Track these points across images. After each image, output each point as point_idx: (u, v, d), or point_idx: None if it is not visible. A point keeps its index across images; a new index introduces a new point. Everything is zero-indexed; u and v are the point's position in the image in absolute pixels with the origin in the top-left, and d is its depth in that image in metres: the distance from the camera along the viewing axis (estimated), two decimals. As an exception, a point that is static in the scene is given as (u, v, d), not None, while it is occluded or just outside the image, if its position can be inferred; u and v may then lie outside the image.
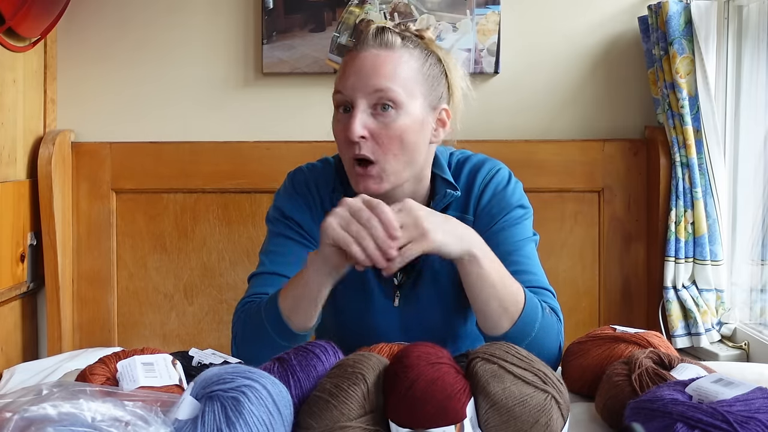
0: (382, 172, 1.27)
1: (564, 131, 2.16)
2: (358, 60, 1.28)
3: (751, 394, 0.87)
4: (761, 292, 1.95)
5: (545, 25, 2.15)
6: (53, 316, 2.07)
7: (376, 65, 1.27)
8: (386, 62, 1.27)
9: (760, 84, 1.92)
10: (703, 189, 1.94)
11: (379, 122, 1.26)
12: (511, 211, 1.36)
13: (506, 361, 0.91)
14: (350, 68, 1.28)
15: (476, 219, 1.36)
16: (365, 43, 1.29)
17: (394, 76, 1.26)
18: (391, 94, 1.25)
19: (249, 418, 0.82)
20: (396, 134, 1.26)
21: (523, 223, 1.36)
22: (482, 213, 1.36)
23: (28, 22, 1.89)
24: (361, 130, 1.24)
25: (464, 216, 1.36)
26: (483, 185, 1.37)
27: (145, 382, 0.97)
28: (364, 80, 1.26)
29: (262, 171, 2.09)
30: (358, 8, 2.10)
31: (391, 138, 1.25)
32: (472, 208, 1.37)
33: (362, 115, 1.25)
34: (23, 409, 0.77)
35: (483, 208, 1.36)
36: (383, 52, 1.27)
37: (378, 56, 1.27)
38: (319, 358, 0.99)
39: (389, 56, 1.27)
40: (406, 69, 1.28)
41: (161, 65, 2.17)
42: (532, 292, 1.25)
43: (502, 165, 1.42)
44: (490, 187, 1.37)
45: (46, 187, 2.02)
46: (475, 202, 1.37)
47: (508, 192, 1.37)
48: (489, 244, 1.31)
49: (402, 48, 1.28)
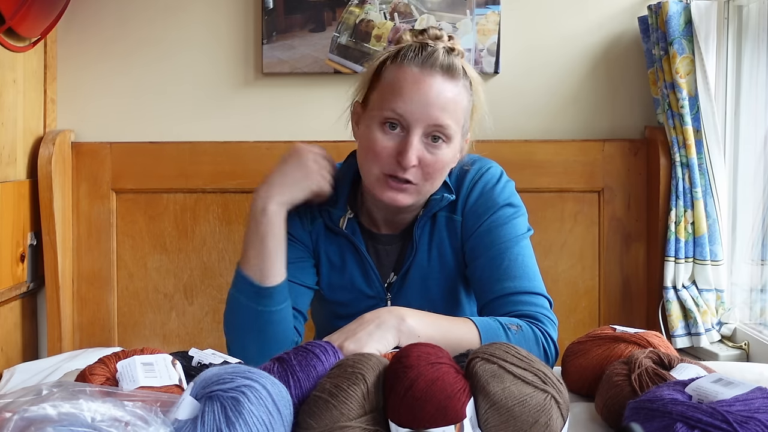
0: (417, 193, 1.29)
1: (564, 131, 2.16)
2: (425, 85, 1.25)
3: (751, 394, 0.87)
4: (761, 292, 1.95)
5: (545, 25, 2.15)
6: (53, 316, 2.07)
7: (441, 96, 1.25)
8: (450, 95, 1.26)
9: (760, 84, 1.92)
10: (703, 189, 1.94)
11: (429, 153, 1.26)
12: (498, 211, 1.35)
13: (506, 361, 0.91)
14: (413, 91, 1.25)
15: (464, 219, 1.36)
16: (433, 64, 1.26)
17: (454, 112, 1.26)
18: (449, 131, 1.26)
19: (249, 418, 0.82)
20: (441, 166, 1.28)
21: (511, 223, 1.35)
22: (469, 213, 1.35)
23: (28, 22, 1.89)
24: (415, 159, 1.25)
25: (453, 216, 1.36)
26: (471, 185, 1.36)
27: (145, 383, 0.97)
28: (428, 110, 1.24)
29: (262, 171, 2.06)
30: (358, 8, 2.10)
31: (437, 169, 1.28)
32: (460, 208, 1.36)
33: (418, 144, 1.25)
34: (23, 409, 0.77)
35: (470, 208, 1.35)
36: (448, 82, 1.26)
37: (444, 85, 1.26)
38: (319, 358, 0.99)
39: (453, 89, 1.27)
40: (461, 105, 1.28)
41: (161, 65, 2.17)
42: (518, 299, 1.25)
43: (493, 164, 1.41)
44: (478, 187, 1.36)
45: (46, 187, 2.02)
46: (463, 202, 1.36)
47: (496, 191, 1.36)
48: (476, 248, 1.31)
49: (461, 77, 1.28)
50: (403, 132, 1.26)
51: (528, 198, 2.10)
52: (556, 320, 1.29)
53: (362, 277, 1.39)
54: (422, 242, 1.37)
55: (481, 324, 1.20)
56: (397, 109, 1.25)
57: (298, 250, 1.38)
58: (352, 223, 1.37)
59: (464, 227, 1.35)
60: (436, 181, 1.30)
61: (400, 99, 1.25)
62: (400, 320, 1.16)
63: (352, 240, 1.37)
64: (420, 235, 1.37)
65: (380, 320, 1.16)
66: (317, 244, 1.40)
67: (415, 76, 1.25)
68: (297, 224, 1.39)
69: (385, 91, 1.28)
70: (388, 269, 1.40)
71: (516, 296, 1.27)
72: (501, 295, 1.28)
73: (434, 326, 1.18)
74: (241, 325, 1.29)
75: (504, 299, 1.28)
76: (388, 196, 1.28)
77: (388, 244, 1.40)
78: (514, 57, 2.15)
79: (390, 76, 1.28)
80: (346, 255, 1.39)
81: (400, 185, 1.27)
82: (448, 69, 1.26)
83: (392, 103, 1.25)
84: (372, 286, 1.39)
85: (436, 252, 1.37)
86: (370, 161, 1.29)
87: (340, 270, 1.40)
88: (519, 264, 1.31)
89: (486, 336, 1.19)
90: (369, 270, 1.38)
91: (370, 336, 1.13)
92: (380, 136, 1.27)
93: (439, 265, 1.37)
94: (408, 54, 1.27)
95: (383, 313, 1.17)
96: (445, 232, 1.37)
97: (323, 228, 1.39)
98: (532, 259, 1.34)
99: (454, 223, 1.36)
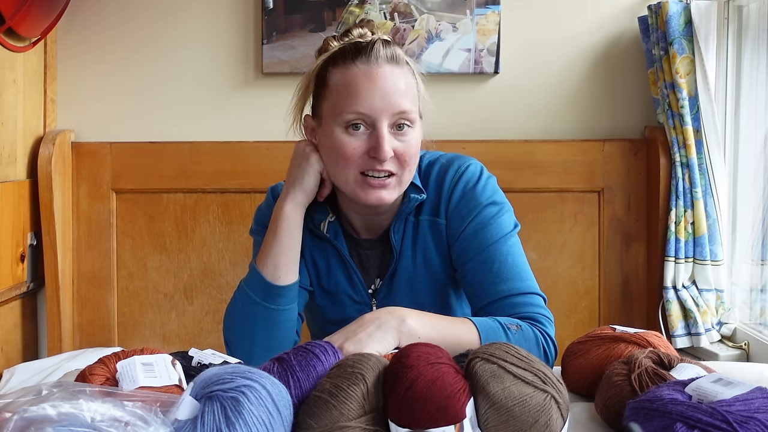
0: (398, 184, 1.28)
1: (564, 131, 2.16)
2: (378, 78, 1.25)
3: (751, 394, 0.87)
4: (761, 292, 1.95)
5: (545, 25, 2.15)
6: (53, 316, 2.07)
7: (395, 84, 1.25)
8: (402, 82, 1.26)
9: (760, 84, 1.92)
10: (703, 189, 1.94)
11: (399, 141, 1.26)
12: (482, 211, 1.32)
13: (506, 361, 0.90)
14: (368, 87, 1.24)
15: (448, 222, 1.34)
16: (377, 57, 1.26)
17: (410, 97, 1.27)
18: (411, 115, 1.27)
19: (249, 418, 0.82)
20: (414, 151, 1.28)
21: (497, 222, 1.32)
22: (453, 215, 1.34)
23: (28, 22, 1.89)
24: (391, 150, 1.25)
25: (436, 220, 1.35)
26: (452, 184, 1.34)
27: (145, 383, 0.97)
28: (388, 101, 1.24)
29: (262, 171, 2.09)
30: (358, 8, 2.10)
31: (411, 155, 1.27)
32: (443, 210, 1.34)
33: (388, 136, 1.25)
34: (23, 409, 0.77)
35: (453, 210, 1.33)
36: (397, 68, 1.26)
37: (394, 73, 1.26)
38: (319, 358, 0.99)
39: (403, 75, 1.27)
40: (413, 89, 1.29)
41: (161, 65, 2.17)
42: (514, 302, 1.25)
43: (472, 160, 1.38)
44: (459, 186, 1.34)
45: (46, 187, 2.02)
46: (446, 203, 1.34)
47: (478, 190, 1.33)
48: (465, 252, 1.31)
49: (405, 65, 1.28)
50: (368, 129, 1.25)
51: (528, 198, 2.13)
52: (552, 316, 1.29)
53: (347, 281, 1.38)
54: (405, 247, 1.36)
55: (480, 324, 1.20)
56: (359, 108, 1.24)
57: None
58: (335, 226, 1.36)
59: (449, 230, 1.34)
60: (412, 168, 1.29)
61: (358, 98, 1.24)
62: (400, 321, 1.16)
63: (335, 244, 1.36)
64: (400, 239, 1.35)
65: (380, 321, 1.16)
66: (304, 248, 1.39)
67: (365, 73, 1.25)
68: None
69: (338, 96, 1.27)
70: (372, 274, 1.39)
71: (511, 299, 1.26)
72: (496, 299, 1.27)
73: (434, 327, 1.18)
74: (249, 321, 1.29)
75: (499, 303, 1.27)
76: (374, 196, 1.27)
77: (369, 249, 1.39)
78: (514, 57, 2.15)
79: (338, 81, 1.27)
80: (330, 259, 1.38)
81: (382, 182, 1.26)
82: (392, 58, 1.26)
83: (350, 105, 1.25)
84: (357, 291, 1.38)
85: (421, 256, 1.36)
86: (343, 167, 1.27)
87: (326, 274, 1.39)
88: (510, 265, 1.29)
89: (486, 336, 1.18)
90: (353, 274, 1.37)
91: (370, 337, 1.13)
92: (347, 140, 1.26)
93: (425, 269, 1.37)
94: (348, 55, 1.27)
95: (383, 314, 1.17)
96: (430, 236, 1.35)
97: (308, 232, 1.38)
98: (522, 257, 1.32)
99: (438, 227, 1.35)
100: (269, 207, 1.39)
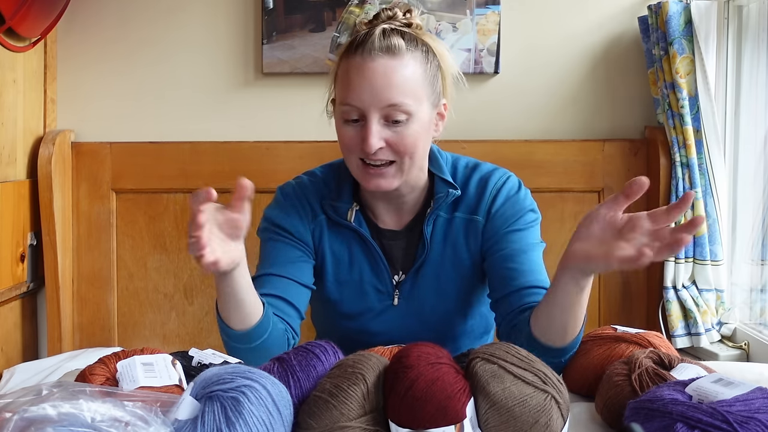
0: (399, 172, 1.31)
1: (564, 131, 2.16)
2: (368, 71, 1.26)
3: (751, 394, 0.87)
4: (761, 292, 1.95)
5: (545, 25, 2.15)
6: (53, 316, 2.07)
7: (387, 77, 1.26)
8: (396, 72, 1.27)
9: (760, 84, 1.92)
10: (703, 189, 1.94)
11: (393, 132, 1.28)
12: (525, 215, 1.39)
13: (506, 361, 0.91)
14: (359, 80, 1.26)
15: (488, 221, 1.39)
16: (371, 49, 1.27)
17: (404, 88, 1.27)
18: (406, 108, 1.27)
19: (249, 418, 0.82)
20: (412, 141, 1.29)
21: (533, 228, 1.40)
22: (496, 215, 1.39)
23: (28, 22, 1.89)
24: (379, 142, 1.27)
25: (474, 217, 1.39)
26: (495, 190, 1.40)
27: (145, 383, 0.97)
28: (377, 94, 1.26)
29: (262, 171, 2.09)
30: (358, 8, 2.10)
31: (408, 144, 1.29)
32: (484, 210, 1.39)
33: (377, 128, 1.27)
34: (23, 409, 0.77)
35: (497, 211, 1.38)
36: (391, 61, 1.27)
37: (387, 66, 1.26)
38: (319, 358, 0.99)
39: (398, 65, 1.27)
40: (413, 77, 1.29)
41: (161, 65, 2.17)
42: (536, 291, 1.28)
43: (511, 173, 1.46)
44: (503, 193, 1.40)
45: (46, 187, 2.02)
46: (487, 205, 1.39)
47: (521, 197, 1.41)
48: (502, 243, 1.34)
49: (407, 52, 1.28)
50: (362, 121, 1.28)
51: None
52: None
53: (371, 270, 1.39)
54: (435, 240, 1.39)
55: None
56: (351, 101, 1.27)
57: (296, 249, 1.38)
58: (359, 215, 1.39)
59: (488, 228, 1.39)
60: (415, 155, 1.31)
61: (351, 91, 1.27)
62: None
63: (360, 232, 1.38)
64: (432, 233, 1.38)
65: None
66: (320, 241, 1.40)
67: (359, 66, 1.27)
68: (297, 222, 1.39)
69: (341, 86, 1.31)
70: (395, 266, 1.41)
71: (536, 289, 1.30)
72: (521, 288, 1.31)
73: None
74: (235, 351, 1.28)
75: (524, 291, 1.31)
76: (372, 183, 1.31)
77: (392, 240, 1.41)
78: (514, 57, 2.15)
79: (342, 71, 1.31)
80: (353, 248, 1.40)
81: (379, 170, 1.30)
82: (387, 49, 1.27)
83: (346, 97, 1.28)
84: (381, 280, 1.39)
85: (451, 250, 1.39)
86: (347, 154, 1.33)
87: (347, 265, 1.40)
88: (538, 264, 1.36)
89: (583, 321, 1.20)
90: (379, 261, 1.39)
91: None
92: (346, 129, 1.30)
93: (452, 264, 1.39)
94: (351, 47, 1.30)
95: None
96: (462, 231, 1.39)
97: (327, 223, 1.40)
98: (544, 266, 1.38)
99: (475, 224, 1.39)
100: (278, 204, 1.42)
